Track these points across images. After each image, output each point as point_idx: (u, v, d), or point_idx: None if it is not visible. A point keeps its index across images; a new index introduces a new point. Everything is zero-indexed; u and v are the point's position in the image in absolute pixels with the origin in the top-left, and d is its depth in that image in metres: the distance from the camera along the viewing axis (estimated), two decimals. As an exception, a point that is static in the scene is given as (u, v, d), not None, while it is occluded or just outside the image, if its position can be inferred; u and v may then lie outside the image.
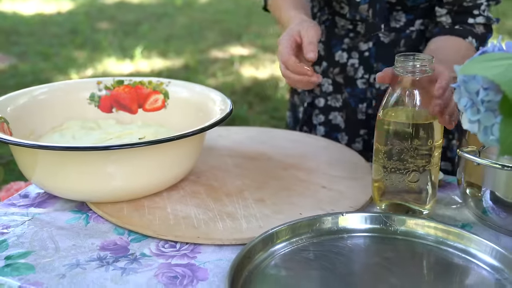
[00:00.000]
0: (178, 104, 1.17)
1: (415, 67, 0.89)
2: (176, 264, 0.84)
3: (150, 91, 1.19)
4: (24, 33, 5.13)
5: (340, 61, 1.32)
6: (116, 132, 1.09)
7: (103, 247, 0.88)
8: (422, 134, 0.90)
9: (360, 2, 1.22)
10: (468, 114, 0.72)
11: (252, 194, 1.02)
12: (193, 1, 6.31)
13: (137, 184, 0.96)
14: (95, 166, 0.93)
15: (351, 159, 1.16)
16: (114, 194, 0.96)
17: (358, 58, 1.30)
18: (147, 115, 1.19)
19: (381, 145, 0.93)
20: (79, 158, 0.92)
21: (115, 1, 6.27)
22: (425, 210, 0.95)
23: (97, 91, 1.19)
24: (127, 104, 1.19)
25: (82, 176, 0.93)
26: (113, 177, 0.94)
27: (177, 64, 4.37)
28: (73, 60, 4.44)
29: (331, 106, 1.36)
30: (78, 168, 0.93)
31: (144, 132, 1.08)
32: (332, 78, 1.34)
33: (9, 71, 4.18)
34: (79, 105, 1.17)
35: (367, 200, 1.00)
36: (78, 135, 1.09)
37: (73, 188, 0.96)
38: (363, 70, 1.30)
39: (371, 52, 1.28)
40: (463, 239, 0.85)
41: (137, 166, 0.94)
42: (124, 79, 1.19)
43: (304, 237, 0.87)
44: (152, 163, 0.95)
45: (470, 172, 0.94)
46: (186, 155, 1.01)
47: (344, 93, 1.34)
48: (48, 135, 1.10)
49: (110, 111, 1.19)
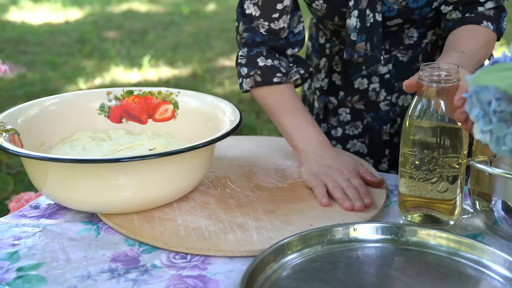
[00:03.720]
0: (188, 114, 1.17)
1: (440, 76, 0.89)
2: (187, 276, 0.84)
3: (160, 102, 1.19)
4: (33, 42, 5.16)
5: (360, 87, 1.31)
6: (126, 143, 1.08)
7: (114, 259, 0.88)
8: (450, 142, 0.90)
9: (357, 40, 1.21)
10: (480, 124, 0.72)
11: (263, 205, 1.02)
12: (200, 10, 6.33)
13: (147, 196, 0.96)
14: (105, 178, 0.93)
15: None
16: (125, 206, 0.97)
17: (378, 82, 1.30)
18: (157, 125, 1.19)
19: (409, 155, 0.92)
20: (90, 170, 0.92)
21: (122, 10, 6.30)
22: (451, 220, 0.94)
23: (107, 102, 1.19)
24: (137, 115, 1.19)
25: (92, 187, 0.94)
26: (124, 188, 0.94)
27: (185, 73, 4.38)
28: (81, 69, 4.46)
29: (349, 135, 1.36)
30: (89, 180, 0.93)
31: (154, 143, 1.08)
32: (350, 107, 1.34)
33: (17, 80, 4.20)
34: (89, 116, 1.18)
35: (378, 211, 1.00)
36: (88, 146, 1.09)
37: (83, 200, 0.96)
38: (385, 93, 1.30)
39: (392, 73, 1.28)
40: (475, 249, 0.85)
41: (147, 177, 0.94)
42: (134, 89, 1.20)
43: (315, 248, 0.87)
44: (162, 174, 0.95)
45: (480, 181, 0.94)
46: (197, 166, 1.01)
47: (365, 119, 1.33)
48: (58, 146, 1.10)
49: (120, 122, 1.19)
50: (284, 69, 1.21)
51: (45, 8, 6.36)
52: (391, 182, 1.12)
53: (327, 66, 1.36)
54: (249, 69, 1.20)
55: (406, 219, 0.96)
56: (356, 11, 1.19)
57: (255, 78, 1.19)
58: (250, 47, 1.21)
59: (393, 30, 1.24)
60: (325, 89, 1.37)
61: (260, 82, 1.19)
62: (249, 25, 1.21)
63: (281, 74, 1.19)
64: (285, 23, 1.21)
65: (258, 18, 1.20)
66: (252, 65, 1.20)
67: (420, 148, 0.91)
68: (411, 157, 0.92)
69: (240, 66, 1.22)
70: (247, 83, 1.20)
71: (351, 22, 1.20)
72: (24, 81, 4.20)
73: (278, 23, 1.20)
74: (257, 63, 1.19)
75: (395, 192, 1.07)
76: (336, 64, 1.34)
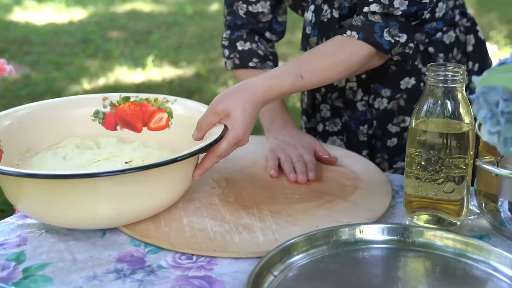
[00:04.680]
0: (181, 124, 1.11)
1: (447, 77, 0.89)
2: (193, 276, 0.84)
3: (155, 110, 1.14)
4: (37, 42, 5.17)
5: (339, 85, 1.32)
6: (105, 154, 1.03)
7: (120, 259, 0.88)
8: (457, 143, 0.90)
9: (310, 34, 1.22)
10: (487, 126, 0.71)
11: (268, 205, 1.01)
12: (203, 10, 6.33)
13: (123, 211, 0.92)
14: (58, 193, 0.89)
15: (367, 170, 1.16)
16: (102, 222, 0.93)
17: (356, 81, 1.30)
18: (151, 134, 1.14)
19: (415, 155, 0.92)
20: (49, 185, 0.87)
21: (126, 10, 6.30)
22: (457, 221, 0.94)
23: (101, 108, 1.14)
24: (132, 122, 1.15)
25: (55, 203, 0.90)
26: (101, 204, 0.90)
27: (189, 73, 4.38)
28: (85, 69, 4.47)
29: (329, 131, 1.37)
30: (39, 194, 0.89)
31: (133, 155, 1.02)
32: (330, 104, 1.35)
33: (22, 80, 4.21)
34: (82, 122, 1.13)
35: (383, 211, 0.99)
36: (70, 154, 1.04)
37: (57, 216, 0.92)
38: (362, 93, 1.30)
39: (368, 74, 1.27)
40: (482, 251, 0.84)
41: (121, 192, 0.90)
42: (131, 96, 1.15)
43: (321, 249, 0.87)
44: (136, 189, 0.90)
45: (487, 182, 0.93)
46: (175, 181, 0.96)
47: (344, 117, 1.34)
48: (42, 153, 1.05)
49: (114, 129, 1.14)
50: (263, 52, 1.31)
51: (49, 8, 6.37)
52: (396, 182, 1.11)
53: None
54: (229, 52, 1.32)
55: (412, 220, 0.96)
56: (313, 6, 1.21)
57: (234, 61, 1.32)
58: (232, 29, 1.33)
59: None
60: None
61: (238, 65, 1.32)
62: (231, 8, 1.32)
63: (257, 59, 1.30)
64: (264, 8, 1.29)
65: (238, 0, 1.29)
66: (232, 48, 1.32)
67: (427, 148, 0.91)
68: (417, 158, 0.92)
69: (223, 48, 1.34)
70: (229, 64, 1.33)
71: (307, 16, 1.23)
72: (28, 81, 4.21)
73: (256, 7, 1.28)
74: (236, 47, 1.31)
75: (401, 193, 1.06)
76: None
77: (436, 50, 1.26)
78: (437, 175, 0.91)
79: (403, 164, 1.33)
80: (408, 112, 1.29)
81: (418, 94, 1.28)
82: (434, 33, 1.25)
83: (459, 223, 0.95)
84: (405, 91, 1.27)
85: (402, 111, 1.28)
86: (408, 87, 1.27)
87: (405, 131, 1.29)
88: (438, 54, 1.27)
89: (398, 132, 1.30)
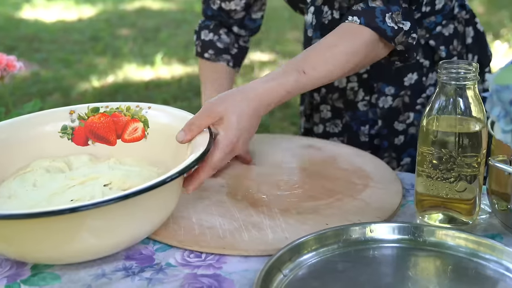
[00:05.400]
0: (159, 133, 1.03)
1: (459, 74, 0.88)
2: (202, 275, 0.83)
3: (128, 120, 1.05)
4: (46, 40, 5.18)
5: (339, 86, 1.31)
6: (80, 177, 0.94)
7: (128, 257, 0.88)
8: (469, 141, 0.88)
9: (312, 36, 1.21)
10: (501, 124, 0.71)
11: (277, 203, 1.01)
12: (212, 7, 6.33)
13: (108, 243, 0.83)
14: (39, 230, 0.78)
15: (377, 168, 1.15)
16: (80, 255, 0.84)
17: (357, 81, 1.29)
18: (127, 146, 1.05)
19: (426, 154, 0.91)
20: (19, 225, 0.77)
21: (135, 8, 6.31)
22: (469, 221, 0.93)
23: (69, 122, 1.05)
24: (104, 135, 1.05)
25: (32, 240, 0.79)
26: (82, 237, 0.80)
27: (197, 71, 4.37)
28: (94, 67, 4.47)
29: (330, 132, 1.36)
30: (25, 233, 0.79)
31: (112, 175, 0.94)
32: (331, 104, 1.34)
33: (31, 78, 4.22)
34: (50, 140, 1.04)
35: (394, 210, 0.98)
36: (40, 180, 0.95)
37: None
38: (363, 93, 1.29)
39: (370, 73, 1.26)
40: (495, 250, 0.83)
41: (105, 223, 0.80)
42: (101, 106, 1.06)
43: (331, 247, 0.86)
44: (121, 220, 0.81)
45: (499, 181, 0.92)
46: (158, 205, 0.86)
47: (344, 118, 1.33)
48: (9, 180, 0.96)
49: (86, 144, 1.05)
50: (222, 45, 1.32)
51: (58, 5, 6.39)
52: (407, 181, 1.10)
53: None
54: (196, 38, 1.36)
55: (423, 219, 0.95)
56: (313, 8, 1.19)
57: (197, 49, 1.35)
58: (204, 18, 1.36)
59: None
60: None
61: (198, 53, 1.35)
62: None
63: (212, 51, 1.32)
64: (237, 6, 1.30)
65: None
66: (198, 36, 1.35)
67: (438, 147, 0.90)
68: (428, 156, 0.91)
69: (194, 33, 1.37)
70: (195, 50, 1.37)
71: (308, 18, 1.22)
72: (37, 78, 4.22)
73: (229, 4, 1.30)
74: (200, 35, 1.34)
75: (411, 192, 1.06)
76: None
77: (437, 43, 1.25)
78: (449, 173, 0.90)
79: (408, 160, 1.32)
80: (413, 108, 1.28)
81: (421, 89, 1.27)
82: (434, 27, 1.24)
83: (471, 222, 0.94)
84: (409, 87, 1.26)
85: (407, 108, 1.27)
86: (412, 83, 1.26)
87: (410, 127, 1.29)
88: (440, 47, 1.25)
89: (404, 129, 1.29)
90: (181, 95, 3.91)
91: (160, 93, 3.93)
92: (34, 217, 0.74)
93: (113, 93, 3.95)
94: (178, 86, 4.06)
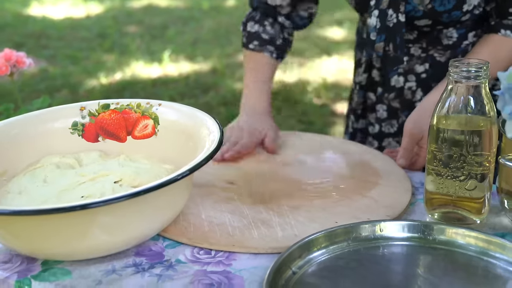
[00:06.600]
0: (169, 130, 1.03)
1: (470, 73, 0.87)
2: (212, 271, 0.83)
3: (139, 116, 1.05)
4: (54, 37, 5.20)
5: (397, 85, 1.30)
6: (90, 174, 0.94)
7: (138, 253, 0.88)
8: (479, 140, 0.88)
9: (376, 40, 1.20)
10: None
11: (286, 200, 1.01)
12: (220, 5, 6.33)
13: (118, 239, 0.84)
14: (47, 226, 0.79)
15: (386, 166, 1.14)
16: (90, 251, 0.84)
17: (415, 81, 1.28)
18: (137, 143, 1.05)
19: (436, 152, 0.91)
20: (30, 221, 0.78)
21: (142, 5, 6.32)
22: (478, 219, 0.93)
23: (80, 119, 1.05)
24: (114, 132, 1.05)
25: (44, 236, 0.80)
26: (91, 233, 0.81)
27: (205, 68, 4.38)
28: (101, 64, 4.49)
29: (385, 132, 1.35)
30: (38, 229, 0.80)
31: (123, 172, 0.93)
32: (387, 104, 1.33)
33: (39, 74, 4.24)
34: (60, 136, 1.04)
35: (403, 208, 0.98)
36: (51, 176, 0.95)
37: (37, 248, 0.83)
38: (421, 92, 1.28)
39: (429, 73, 1.26)
40: (505, 249, 0.83)
41: (114, 220, 0.81)
42: (111, 103, 1.06)
43: (341, 245, 0.86)
44: (129, 215, 0.82)
45: (509, 180, 0.92)
46: (168, 202, 0.87)
47: (400, 118, 1.32)
48: (19, 176, 0.96)
49: (96, 140, 1.05)
50: (268, 36, 1.32)
51: (66, 2, 6.40)
52: (416, 179, 1.10)
53: (367, 61, 1.36)
54: (242, 29, 1.36)
55: (433, 217, 0.95)
56: (377, 11, 1.18)
57: (243, 40, 1.36)
58: (251, 9, 1.37)
59: (426, 31, 1.22)
60: (363, 84, 1.37)
61: (244, 44, 1.35)
62: None
63: (257, 42, 1.32)
64: (283, 1, 1.31)
65: None
66: (244, 27, 1.36)
67: (448, 145, 0.90)
68: (438, 154, 0.91)
69: (241, 25, 1.37)
70: (242, 41, 1.37)
71: (371, 21, 1.20)
72: (45, 75, 4.24)
73: (274, 0, 1.31)
74: (247, 27, 1.35)
75: (421, 190, 1.05)
76: (375, 59, 1.33)
77: None
78: (459, 172, 0.90)
79: None
80: None
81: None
82: None
83: (480, 221, 0.93)
84: None
85: None
86: None
87: None
88: None
89: None
90: (188, 92, 3.92)
91: (167, 90, 3.94)
92: (45, 213, 0.74)
93: (120, 90, 3.96)
94: (186, 83, 4.06)
